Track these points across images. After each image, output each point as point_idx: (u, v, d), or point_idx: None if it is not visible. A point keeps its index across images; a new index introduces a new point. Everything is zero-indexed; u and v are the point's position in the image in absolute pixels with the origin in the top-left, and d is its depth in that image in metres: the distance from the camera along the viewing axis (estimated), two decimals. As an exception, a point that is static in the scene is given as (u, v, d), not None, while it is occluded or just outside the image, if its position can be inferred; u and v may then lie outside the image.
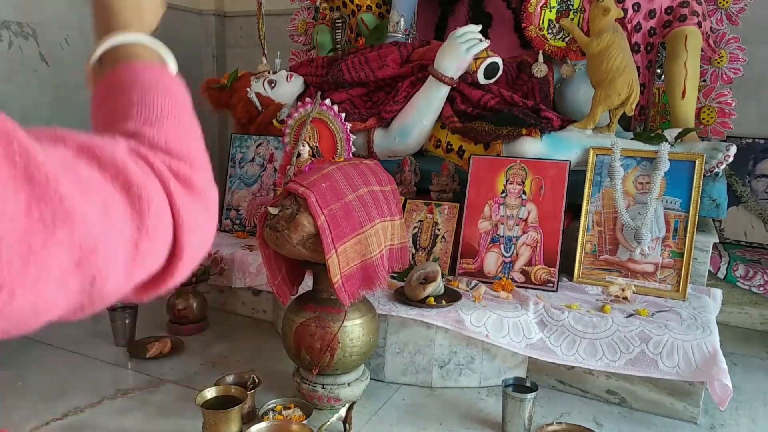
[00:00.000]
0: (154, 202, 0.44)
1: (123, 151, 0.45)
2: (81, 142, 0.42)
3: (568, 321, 1.75)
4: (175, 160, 0.49)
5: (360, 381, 1.69)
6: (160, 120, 0.52)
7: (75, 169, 0.40)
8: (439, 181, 2.27)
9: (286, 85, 2.65)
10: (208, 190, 0.51)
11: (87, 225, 0.38)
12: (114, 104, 0.54)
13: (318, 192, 1.45)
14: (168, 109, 0.54)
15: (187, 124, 0.55)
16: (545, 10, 2.32)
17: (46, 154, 0.37)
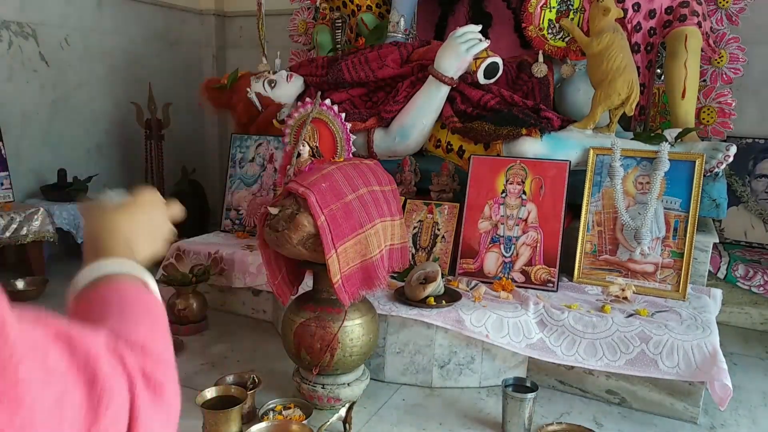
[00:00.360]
0: (113, 403, 0.43)
1: (100, 344, 0.45)
2: (60, 327, 0.42)
3: (568, 321, 1.75)
4: (150, 361, 0.49)
5: (360, 381, 1.69)
6: (138, 325, 0.53)
7: (44, 352, 0.39)
8: (439, 181, 2.27)
9: (286, 85, 2.65)
10: (173, 398, 0.51)
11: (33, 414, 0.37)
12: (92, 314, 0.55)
13: (318, 192, 1.45)
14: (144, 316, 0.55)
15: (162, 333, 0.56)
16: (545, 10, 2.32)
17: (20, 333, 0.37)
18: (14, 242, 2.59)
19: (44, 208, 2.68)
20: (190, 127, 3.89)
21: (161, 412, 0.48)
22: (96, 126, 3.38)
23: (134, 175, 3.51)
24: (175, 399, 0.51)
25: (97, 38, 3.32)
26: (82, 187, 2.99)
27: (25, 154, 3.01)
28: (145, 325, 0.54)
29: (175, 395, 0.51)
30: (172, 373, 0.52)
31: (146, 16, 3.59)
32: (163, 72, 3.72)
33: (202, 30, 4.02)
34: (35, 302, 2.49)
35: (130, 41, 3.51)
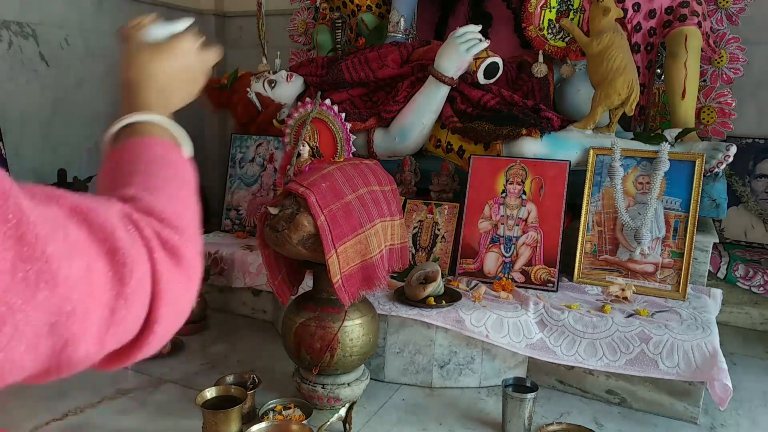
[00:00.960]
0: (136, 271, 0.44)
1: (115, 215, 0.45)
2: (74, 203, 0.43)
3: (568, 321, 1.75)
4: (167, 228, 0.50)
5: (360, 381, 1.69)
6: (159, 189, 0.53)
7: (64, 229, 0.40)
8: (439, 181, 2.27)
9: (286, 85, 2.65)
10: (193, 261, 0.51)
11: (68, 288, 0.38)
12: (119, 171, 0.56)
13: (318, 192, 1.45)
14: (169, 180, 0.56)
15: (185, 196, 0.57)
16: (545, 10, 2.32)
17: (38, 213, 0.38)
18: (14, 242, 2.58)
19: (44, 208, 2.68)
20: (190, 127, 3.87)
21: (182, 275, 0.49)
22: (96, 126, 3.38)
23: (134, 175, 3.51)
24: (195, 260, 0.52)
25: (97, 38, 3.32)
26: (82, 187, 2.99)
27: (25, 154, 3.01)
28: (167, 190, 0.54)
29: (194, 257, 0.52)
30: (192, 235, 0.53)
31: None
32: (163, 72, 3.71)
33: (202, 30, 4.00)
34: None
35: (130, 41, 3.51)
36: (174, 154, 0.60)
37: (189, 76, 0.72)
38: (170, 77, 0.68)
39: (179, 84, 0.70)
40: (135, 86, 0.65)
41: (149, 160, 0.56)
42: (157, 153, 0.58)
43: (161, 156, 0.58)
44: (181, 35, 0.72)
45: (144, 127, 0.61)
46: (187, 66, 0.71)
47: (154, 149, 0.58)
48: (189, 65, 0.71)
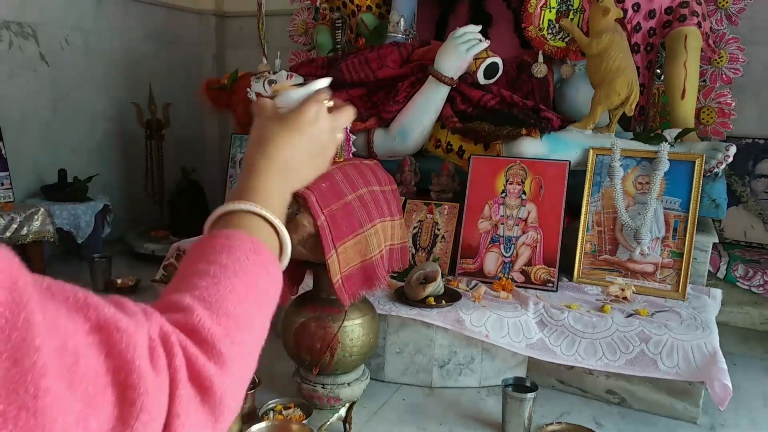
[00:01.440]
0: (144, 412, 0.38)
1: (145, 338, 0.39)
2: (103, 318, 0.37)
3: (567, 321, 1.75)
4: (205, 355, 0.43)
5: (360, 381, 1.69)
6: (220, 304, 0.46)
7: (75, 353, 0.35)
8: (439, 181, 2.27)
9: (286, 85, 2.65)
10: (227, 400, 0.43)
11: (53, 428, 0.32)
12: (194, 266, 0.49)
13: (318, 192, 1.45)
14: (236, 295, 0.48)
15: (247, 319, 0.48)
16: (545, 10, 2.32)
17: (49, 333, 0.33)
18: (14, 242, 2.59)
19: (44, 208, 2.68)
20: (190, 127, 3.89)
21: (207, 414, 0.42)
22: (96, 126, 3.38)
23: (134, 175, 3.51)
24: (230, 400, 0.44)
25: (97, 38, 3.32)
26: (82, 187, 2.99)
27: (25, 154, 3.01)
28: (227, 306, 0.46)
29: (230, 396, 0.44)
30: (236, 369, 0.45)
31: (146, 16, 3.59)
32: (163, 72, 3.72)
33: (202, 30, 4.02)
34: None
35: (130, 41, 3.51)
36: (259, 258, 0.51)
37: (316, 149, 0.63)
38: (294, 153, 0.60)
39: (305, 159, 0.62)
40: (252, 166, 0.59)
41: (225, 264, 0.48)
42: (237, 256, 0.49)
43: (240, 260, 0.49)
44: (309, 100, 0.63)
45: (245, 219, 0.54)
46: (315, 137, 0.62)
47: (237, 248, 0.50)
48: (316, 135, 0.62)
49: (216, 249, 0.50)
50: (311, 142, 0.62)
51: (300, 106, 0.62)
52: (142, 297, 2.52)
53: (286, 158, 0.60)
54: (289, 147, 0.60)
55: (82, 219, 2.90)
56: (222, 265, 0.49)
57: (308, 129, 0.61)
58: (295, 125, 0.61)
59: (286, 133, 0.60)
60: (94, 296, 0.38)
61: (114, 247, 3.16)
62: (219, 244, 0.51)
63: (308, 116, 0.61)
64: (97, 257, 2.68)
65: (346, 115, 0.67)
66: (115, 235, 3.26)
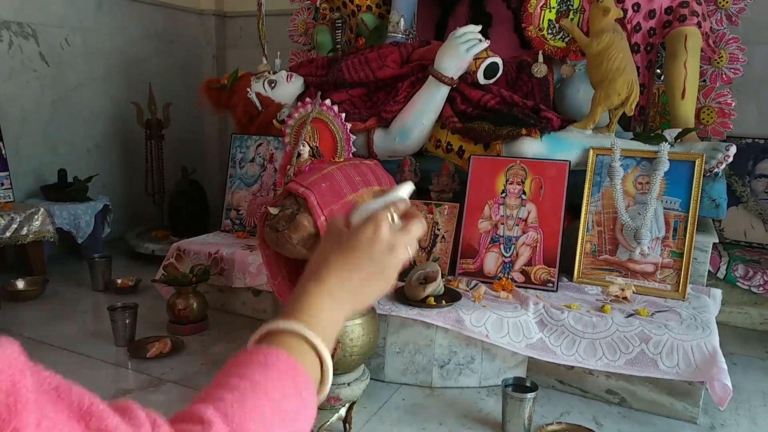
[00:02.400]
0: None
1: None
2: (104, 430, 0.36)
3: (567, 321, 1.75)
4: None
5: (360, 381, 1.69)
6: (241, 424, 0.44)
7: None
8: (439, 181, 2.27)
9: (286, 85, 2.65)
10: None
11: None
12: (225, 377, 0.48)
13: (318, 192, 1.45)
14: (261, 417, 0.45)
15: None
16: (545, 10, 2.32)
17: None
18: (14, 242, 2.59)
19: (44, 208, 2.69)
20: (190, 127, 3.89)
21: None
22: (96, 126, 3.38)
23: (134, 175, 3.51)
24: None
25: (97, 38, 3.32)
26: (82, 187, 2.99)
27: (25, 154, 3.01)
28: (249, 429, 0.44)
29: None
30: None
31: (146, 16, 3.59)
32: (163, 72, 3.72)
33: (202, 30, 4.02)
34: (35, 302, 2.49)
35: (130, 41, 3.52)
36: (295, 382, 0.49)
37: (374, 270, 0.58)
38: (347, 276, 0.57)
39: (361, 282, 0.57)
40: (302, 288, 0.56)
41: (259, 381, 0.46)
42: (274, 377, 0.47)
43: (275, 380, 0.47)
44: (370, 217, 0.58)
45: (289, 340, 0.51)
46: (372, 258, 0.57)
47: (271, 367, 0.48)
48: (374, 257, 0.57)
49: (252, 365, 0.48)
50: (368, 264, 0.57)
51: (359, 224, 0.59)
52: (142, 297, 2.53)
53: (338, 281, 0.56)
54: (343, 271, 0.57)
55: (82, 219, 2.90)
56: (254, 382, 0.47)
57: (363, 250, 0.57)
58: (348, 248, 0.57)
59: (341, 256, 0.57)
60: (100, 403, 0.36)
61: (114, 247, 3.16)
62: (256, 361, 0.49)
63: (364, 237, 0.57)
64: (97, 257, 2.68)
65: (416, 230, 0.61)
66: (115, 235, 3.27)
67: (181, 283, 2.20)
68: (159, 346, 1.99)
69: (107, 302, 2.27)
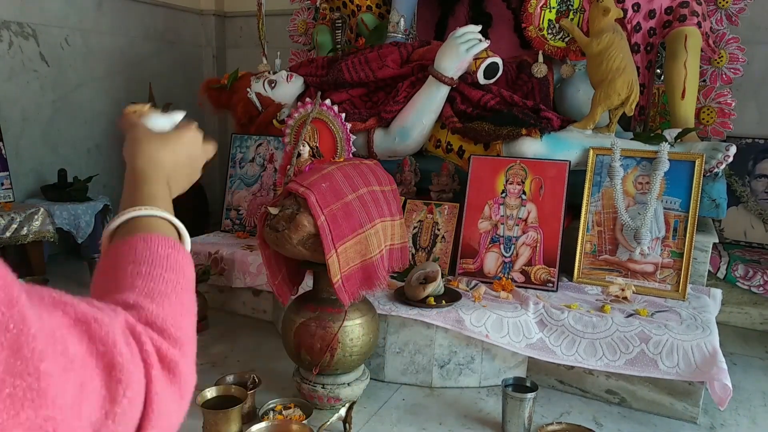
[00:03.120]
0: (129, 389, 0.43)
1: (119, 327, 0.44)
2: (80, 311, 0.42)
3: (567, 321, 1.75)
4: (167, 341, 0.49)
5: (360, 381, 1.69)
6: (163, 296, 0.52)
7: (64, 342, 0.39)
8: (439, 181, 2.27)
9: (286, 85, 2.65)
10: (188, 377, 0.50)
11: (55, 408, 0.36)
12: (121, 271, 0.54)
13: (318, 192, 1.45)
14: (172, 285, 0.54)
15: (187, 304, 0.55)
16: (545, 10, 2.32)
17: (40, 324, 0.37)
18: (14, 242, 2.59)
19: (44, 208, 2.68)
20: (190, 127, 3.89)
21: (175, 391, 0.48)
22: (96, 126, 3.38)
23: (134, 175, 3.51)
24: (190, 376, 0.51)
25: (97, 38, 3.32)
26: (82, 187, 2.99)
27: (25, 154, 3.01)
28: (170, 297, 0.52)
29: (190, 373, 0.51)
30: (190, 349, 0.52)
31: (146, 16, 3.59)
32: (163, 72, 3.72)
33: (202, 30, 4.02)
34: (35, 302, 2.49)
35: (130, 41, 3.52)
36: (177, 253, 0.58)
37: (192, 164, 0.74)
38: (176, 166, 0.69)
39: (183, 172, 0.71)
40: (142, 175, 0.65)
41: (152, 262, 0.55)
42: (161, 253, 0.56)
43: (164, 256, 0.56)
44: (186, 126, 0.74)
45: (146, 222, 0.60)
46: (192, 155, 0.73)
47: (157, 249, 0.56)
48: (193, 154, 0.74)
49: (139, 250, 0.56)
50: (188, 157, 0.72)
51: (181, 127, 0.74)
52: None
53: (171, 168, 0.68)
54: (173, 158, 0.69)
55: (82, 219, 2.90)
56: (149, 263, 0.54)
57: (189, 145, 0.72)
58: (177, 141, 0.71)
59: (170, 146, 0.69)
60: (67, 295, 0.42)
61: (114, 247, 3.16)
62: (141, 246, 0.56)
63: (190, 134, 0.73)
64: (97, 257, 2.67)
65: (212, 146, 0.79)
66: (115, 235, 3.26)
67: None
68: (159, 346, 1.99)
69: (107, 302, 2.26)
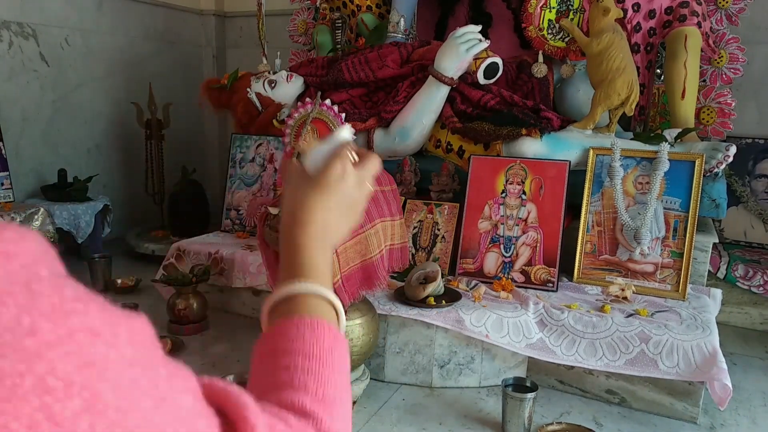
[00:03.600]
0: None
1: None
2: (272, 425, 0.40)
3: (567, 321, 1.75)
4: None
5: (360, 381, 1.69)
6: (333, 404, 0.48)
7: None
8: (439, 181, 2.27)
9: (286, 85, 2.65)
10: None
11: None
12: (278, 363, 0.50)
13: (318, 192, 1.45)
14: (339, 387, 0.50)
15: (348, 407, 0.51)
16: (545, 10, 2.32)
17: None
18: (14, 242, 2.58)
19: (44, 208, 2.68)
20: (190, 127, 3.89)
21: None
22: (96, 126, 3.38)
23: (134, 175, 3.51)
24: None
25: (97, 38, 3.32)
26: (82, 187, 2.99)
27: (25, 154, 3.01)
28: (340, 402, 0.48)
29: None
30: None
31: (146, 16, 3.59)
32: (163, 72, 3.72)
33: (202, 30, 4.02)
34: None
35: (130, 41, 3.52)
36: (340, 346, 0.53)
37: (348, 205, 0.62)
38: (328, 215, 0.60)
39: (339, 218, 0.61)
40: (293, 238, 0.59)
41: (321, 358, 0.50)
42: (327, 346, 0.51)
43: (330, 350, 0.51)
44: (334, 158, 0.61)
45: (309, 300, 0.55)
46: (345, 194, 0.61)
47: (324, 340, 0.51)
48: (346, 193, 0.61)
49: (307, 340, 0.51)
50: (341, 201, 0.61)
51: (325, 166, 0.61)
52: (142, 297, 2.53)
53: (322, 222, 0.60)
54: (323, 210, 0.60)
55: (82, 219, 2.90)
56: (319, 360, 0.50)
57: (337, 188, 0.61)
58: (324, 187, 0.60)
59: (318, 197, 0.60)
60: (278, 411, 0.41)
61: (114, 247, 3.16)
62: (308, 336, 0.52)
63: (335, 175, 0.61)
64: (97, 257, 2.68)
65: (372, 165, 0.65)
66: (115, 235, 3.26)
67: (181, 283, 2.20)
68: (159, 346, 1.99)
69: (107, 302, 2.27)
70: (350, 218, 0.63)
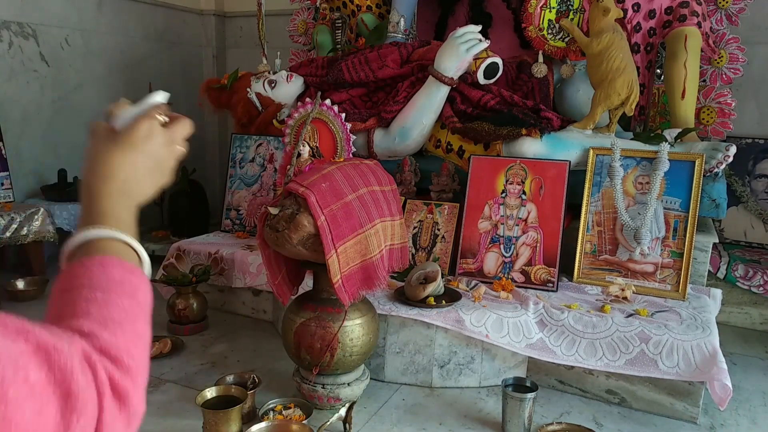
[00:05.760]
0: (83, 417, 0.44)
1: (77, 356, 0.45)
2: (41, 340, 0.43)
3: (567, 321, 1.75)
4: (119, 370, 0.49)
5: (360, 381, 1.69)
6: (116, 323, 0.52)
7: (26, 370, 0.41)
8: (439, 181, 2.27)
9: (286, 85, 2.65)
10: (138, 407, 0.51)
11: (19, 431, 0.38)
12: (75, 296, 0.53)
13: (318, 192, 1.45)
14: (126, 312, 0.53)
15: (141, 332, 0.54)
16: (545, 10, 2.32)
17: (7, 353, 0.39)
18: (14, 242, 2.59)
19: (44, 208, 2.68)
20: (190, 127, 3.89)
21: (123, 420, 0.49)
22: (96, 126, 3.37)
23: (134, 175, 3.51)
24: (139, 405, 0.51)
25: (97, 38, 3.32)
26: (82, 187, 2.99)
27: (25, 154, 3.01)
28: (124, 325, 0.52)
29: (139, 403, 0.51)
30: (141, 378, 0.52)
31: (146, 16, 3.59)
32: (163, 72, 3.72)
33: (202, 30, 4.02)
34: (35, 302, 2.49)
35: (130, 41, 3.51)
36: (133, 277, 0.56)
37: (153, 164, 0.63)
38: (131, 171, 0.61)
39: (143, 175, 0.63)
40: (92, 191, 0.60)
41: (107, 287, 0.54)
42: (116, 278, 0.55)
43: (119, 281, 0.55)
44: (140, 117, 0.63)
45: (104, 243, 0.57)
46: (150, 152, 0.63)
47: (112, 273, 0.55)
48: (151, 151, 0.63)
49: (95, 274, 0.54)
50: (147, 159, 0.63)
51: (131, 123, 0.63)
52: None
53: (124, 177, 0.61)
54: (125, 165, 0.61)
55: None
56: (104, 290, 0.53)
57: (142, 145, 0.62)
58: (127, 143, 0.62)
59: (120, 152, 0.61)
60: (27, 322, 0.44)
61: (114, 247, 3.16)
62: (96, 271, 0.55)
63: (140, 133, 0.62)
64: (97, 257, 2.67)
65: (182, 128, 0.67)
66: (115, 235, 3.26)
67: (181, 283, 2.20)
68: (159, 346, 1.99)
69: (107, 302, 2.26)
70: (156, 176, 0.65)
